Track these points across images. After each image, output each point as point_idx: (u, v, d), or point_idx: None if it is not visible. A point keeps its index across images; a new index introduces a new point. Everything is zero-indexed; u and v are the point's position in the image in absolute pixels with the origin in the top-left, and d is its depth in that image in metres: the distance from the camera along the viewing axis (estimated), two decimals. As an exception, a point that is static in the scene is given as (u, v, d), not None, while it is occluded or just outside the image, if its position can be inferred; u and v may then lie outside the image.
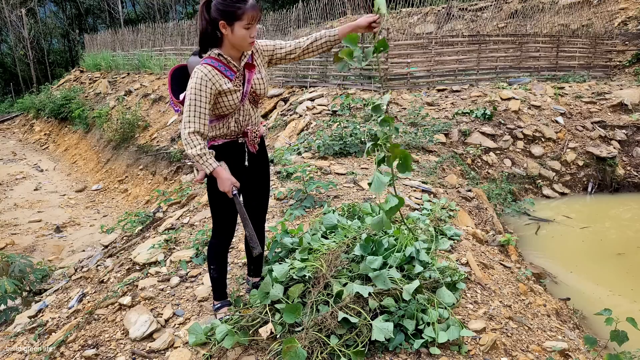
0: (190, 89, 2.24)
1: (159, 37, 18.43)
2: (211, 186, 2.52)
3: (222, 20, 2.21)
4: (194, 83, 2.24)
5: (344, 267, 2.75)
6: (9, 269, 4.45)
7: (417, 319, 2.46)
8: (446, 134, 7.29)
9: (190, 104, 2.24)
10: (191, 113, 2.24)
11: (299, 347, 2.19)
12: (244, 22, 2.21)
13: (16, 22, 28.07)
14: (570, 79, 10.75)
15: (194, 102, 2.23)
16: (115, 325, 2.85)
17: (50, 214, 10.04)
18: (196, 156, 2.25)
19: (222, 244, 2.64)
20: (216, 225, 2.62)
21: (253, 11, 2.21)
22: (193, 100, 2.23)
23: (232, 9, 2.18)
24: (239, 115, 2.44)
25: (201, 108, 2.24)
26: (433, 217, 3.95)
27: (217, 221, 2.60)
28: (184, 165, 10.59)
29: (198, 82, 2.23)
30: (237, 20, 2.20)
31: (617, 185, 7.79)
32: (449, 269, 2.92)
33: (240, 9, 2.18)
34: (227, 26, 2.22)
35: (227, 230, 2.63)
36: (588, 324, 3.96)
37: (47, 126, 18.88)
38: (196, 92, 2.23)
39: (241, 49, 2.34)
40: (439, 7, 17.22)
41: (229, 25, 2.22)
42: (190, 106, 2.24)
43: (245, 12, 2.19)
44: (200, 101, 2.24)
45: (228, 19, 2.20)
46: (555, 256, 5.33)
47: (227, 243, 2.66)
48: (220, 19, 2.21)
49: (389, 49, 9.28)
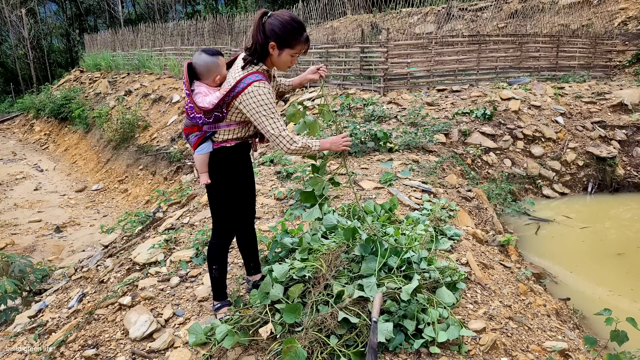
0: (262, 104, 2.30)
1: (159, 37, 18.43)
2: (212, 186, 2.56)
3: (273, 42, 2.29)
4: (264, 98, 2.30)
5: (344, 267, 2.75)
6: (9, 269, 4.45)
7: (418, 319, 2.46)
8: (446, 134, 7.29)
9: (268, 117, 2.32)
10: (277, 122, 2.34)
11: (299, 347, 2.19)
12: (294, 51, 2.33)
13: (16, 22, 28.07)
14: (570, 79, 10.75)
15: (271, 113, 2.32)
16: (115, 325, 2.85)
17: (50, 214, 10.04)
18: (305, 149, 2.39)
19: (222, 244, 2.67)
20: (217, 226, 2.65)
21: (305, 45, 2.35)
22: (269, 113, 2.32)
23: (288, 38, 2.29)
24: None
25: (277, 114, 2.35)
26: (433, 217, 3.95)
27: (218, 221, 2.64)
28: (184, 165, 10.59)
29: (266, 96, 2.30)
30: (288, 47, 2.31)
31: (617, 185, 7.79)
32: (449, 268, 2.92)
33: (295, 40, 2.30)
34: (276, 48, 2.31)
35: (227, 230, 2.66)
36: (588, 324, 3.96)
37: (47, 126, 18.88)
38: (269, 105, 2.31)
39: (277, 69, 2.48)
40: (439, 7, 17.22)
41: (278, 48, 2.31)
42: (270, 116, 2.32)
43: (299, 44, 2.32)
44: (274, 110, 2.34)
45: (281, 44, 2.30)
46: (555, 256, 5.33)
47: (228, 243, 2.69)
48: (273, 41, 2.29)
49: (390, 49, 9.28)
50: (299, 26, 2.30)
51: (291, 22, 2.28)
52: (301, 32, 2.31)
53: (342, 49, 10.50)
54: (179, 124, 12.33)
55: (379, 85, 9.45)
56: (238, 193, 2.62)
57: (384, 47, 9.29)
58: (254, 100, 2.29)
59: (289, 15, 2.30)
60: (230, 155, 2.49)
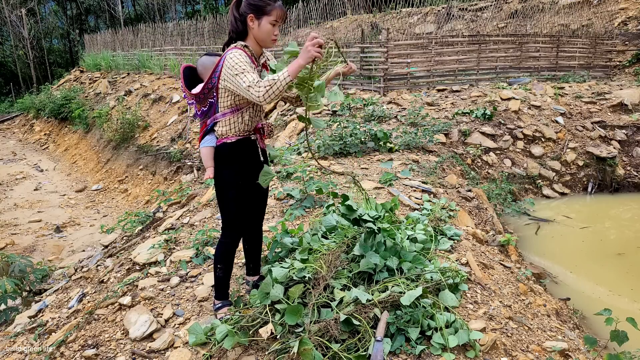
0: (234, 64, 2.26)
1: (159, 37, 18.44)
2: (220, 183, 2.55)
3: (251, 14, 2.35)
4: (235, 58, 2.28)
5: (344, 267, 2.75)
6: (9, 269, 4.45)
7: (423, 325, 2.45)
8: (446, 134, 7.29)
9: (240, 72, 2.24)
10: (248, 74, 2.23)
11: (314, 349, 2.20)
12: (271, 17, 2.35)
13: (16, 22, 28.07)
14: (570, 79, 10.75)
15: (242, 70, 2.24)
16: (115, 325, 2.85)
17: (50, 214, 10.04)
18: (277, 89, 2.15)
19: (232, 242, 2.64)
20: (226, 224, 2.61)
21: (280, 10, 2.37)
22: (242, 68, 2.24)
23: (262, 4, 2.33)
24: (253, 109, 2.51)
25: (249, 70, 2.25)
26: (433, 217, 3.95)
27: (228, 218, 2.60)
28: (184, 165, 10.59)
29: (239, 56, 2.29)
30: (265, 14, 2.35)
31: (617, 185, 7.79)
32: (450, 270, 2.91)
33: (269, 5, 2.34)
34: (254, 19, 2.36)
35: (237, 228, 2.63)
36: (588, 324, 3.96)
37: (47, 126, 18.88)
38: (240, 63, 2.26)
39: (263, 45, 2.45)
40: (439, 7, 17.22)
41: (257, 19, 2.36)
42: (241, 71, 2.23)
43: (274, 9, 2.35)
44: (246, 67, 2.25)
45: (257, 12, 2.34)
46: (555, 256, 5.33)
47: (236, 242, 2.66)
48: (249, 12, 2.35)
49: (390, 49, 9.28)
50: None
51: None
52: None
53: (342, 49, 10.49)
54: (179, 124, 12.33)
55: (379, 85, 9.45)
56: (244, 192, 2.58)
57: (384, 47, 9.29)
58: (228, 65, 2.29)
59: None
60: (234, 152, 2.49)
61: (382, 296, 2.53)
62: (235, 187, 2.53)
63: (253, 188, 2.64)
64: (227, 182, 2.53)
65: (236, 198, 2.54)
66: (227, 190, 2.54)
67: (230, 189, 2.53)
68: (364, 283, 2.73)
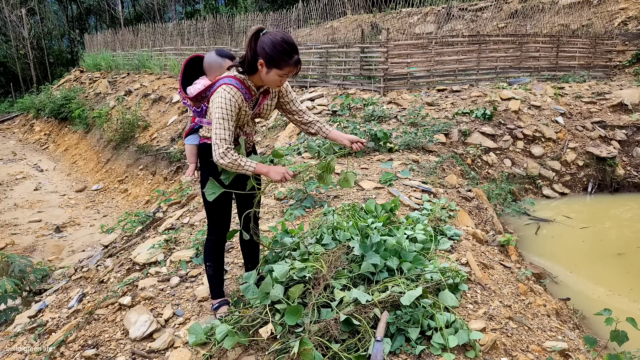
0: (219, 107, 2.31)
1: (158, 37, 18.43)
2: (203, 180, 2.60)
3: (262, 60, 2.28)
4: (223, 101, 2.31)
5: (344, 268, 2.75)
6: (9, 269, 4.45)
7: (423, 325, 2.45)
8: (446, 134, 7.29)
9: (219, 119, 2.32)
10: (222, 129, 2.32)
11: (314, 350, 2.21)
12: (282, 72, 2.31)
13: (16, 22, 28.06)
14: (570, 79, 10.75)
15: (224, 117, 2.32)
16: (115, 325, 2.85)
17: (50, 214, 10.04)
18: (234, 166, 2.35)
19: (217, 240, 2.70)
20: (211, 222, 2.69)
21: (295, 67, 2.32)
22: (222, 117, 2.32)
23: (277, 58, 2.26)
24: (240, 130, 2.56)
25: (230, 123, 2.34)
26: (433, 217, 3.95)
27: (212, 218, 2.67)
28: (184, 165, 10.59)
29: (226, 101, 2.32)
30: (276, 68, 2.29)
31: (617, 185, 7.80)
32: (450, 270, 2.91)
33: (284, 62, 2.28)
34: (264, 67, 2.30)
35: (222, 226, 2.68)
36: (588, 324, 3.96)
37: (47, 126, 18.87)
38: (225, 109, 2.32)
39: (268, 86, 2.45)
40: (439, 7, 17.22)
41: (267, 67, 2.30)
42: (219, 121, 2.32)
43: (287, 66, 2.29)
44: (229, 118, 2.33)
45: (269, 63, 2.29)
46: (555, 256, 5.33)
47: (223, 240, 2.71)
48: (262, 59, 2.28)
49: (390, 49, 9.28)
50: (289, 48, 2.27)
51: (282, 43, 2.25)
52: (291, 54, 2.28)
53: (342, 49, 10.50)
54: (179, 124, 12.33)
55: (379, 85, 9.45)
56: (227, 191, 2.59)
57: (384, 47, 9.29)
58: (216, 101, 2.33)
59: (281, 36, 2.27)
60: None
61: (382, 296, 2.53)
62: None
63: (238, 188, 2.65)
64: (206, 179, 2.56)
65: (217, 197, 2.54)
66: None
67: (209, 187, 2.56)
68: (364, 283, 2.73)
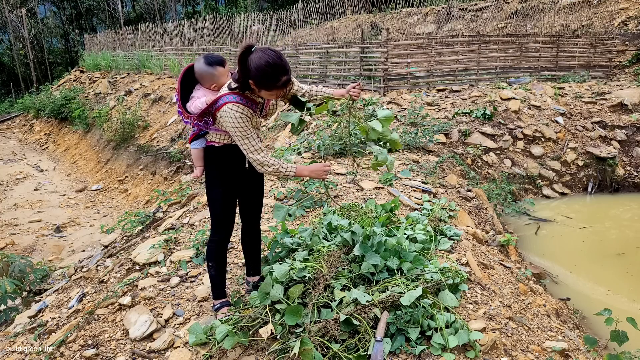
0: (234, 127, 2.35)
1: (158, 37, 18.43)
2: (209, 183, 2.61)
3: (251, 81, 2.28)
4: (235, 122, 2.33)
5: (344, 268, 2.75)
6: (9, 269, 4.45)
7: (423, 325, 2.45)
8: (446, 134, 7.29)
9: (242, 139, 2.38)
10: (250, 144, 2.39)
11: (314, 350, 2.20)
12: (271, 93, 2.33)
13: (16, 22, 28.06)
14: (570, 79, 10.75)
15: (245, 135, 2.37)
16: (115, 325, 2.85)
17: (50, 214, 10.04)
18: (277, 173, 2.45)
19: (220, 240, 2.69)
20: (215, 223, 2.68)
21: (283, 89, 2.32)
22: (244, 135, 2.37)
23: (265, 82, 2.26)
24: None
25: (252, 135, 2.40)
26: (433, 217, 3.95)
27: (216, 218, 2.66)
28: (184, 165, 10.59)
29: (238, 120, 2.34)
30: (264, 89, 2.31)
31: (617, 185, 7.79)
32: (450, 270, 2.91)
33: (271, 85, 2.28)
34: (255, 86, 2.30)
35: (226, 227, 2.68)
36: (588, 324, 3.96)
37: (47, 126, 18.87)
38: (241, 128, 2.36)
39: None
40: (439, 7, 17.22)
41: (256, 87, 2.31)
42: (243, 140, 2.38)
43: (275, 89, 2.30)
44: (249, 132, 2.38)
45: (257, 85, 2.29)
46: (555, 256, 5.33)
47: (226, 240, 2.71)
48: (250, 79, 2.27)
49: (390, 49, 9.28)
50: (275, 72, 2.21)
51: (266, 68, 2.19)
52: (278, 77, 2.23)
53: (342, 49, 10.50)
54: (179, 124, 12.33)
55: (379, 85, 9.45)
56: (232, 191, 2.63)
57: (384, 47, 9.29)
58: (229, 121, 2.34)
59: (266, 59, 2.19)
60: (221, 154, 2.54)
61: (382, 296, 2.53)
62: (221, 187, 2.59)
63: (242, 188, 2.68)
64: (213, 181, 2.59)
65: (222, 197, 2.59)
66: (213, 190, 2.60)
67: (217, 188, 2.59)
68: (364, 283, 2.73)
